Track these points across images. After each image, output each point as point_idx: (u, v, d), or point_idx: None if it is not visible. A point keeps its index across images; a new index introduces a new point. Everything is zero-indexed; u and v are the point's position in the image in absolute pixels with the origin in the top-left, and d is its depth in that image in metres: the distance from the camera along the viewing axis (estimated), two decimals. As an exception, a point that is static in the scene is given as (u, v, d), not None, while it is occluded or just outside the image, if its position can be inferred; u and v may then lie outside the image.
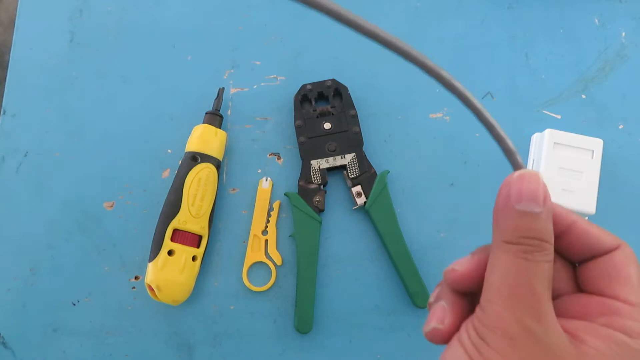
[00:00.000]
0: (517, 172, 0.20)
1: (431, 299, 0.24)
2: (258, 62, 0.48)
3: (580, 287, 0.22)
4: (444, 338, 0.22)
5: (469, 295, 0.22)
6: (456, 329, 0.21)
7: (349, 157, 0.44)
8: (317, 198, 0.43)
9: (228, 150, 0.45)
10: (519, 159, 0.22)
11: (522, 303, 0.19)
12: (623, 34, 0.48)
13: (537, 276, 0.19)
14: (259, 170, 0.45)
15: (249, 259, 0.43)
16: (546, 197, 0.19)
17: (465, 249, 0.46)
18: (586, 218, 0.22)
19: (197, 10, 0.50)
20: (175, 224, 0.41)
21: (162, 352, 0.42)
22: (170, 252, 0.40)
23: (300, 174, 0.44)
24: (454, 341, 0.21)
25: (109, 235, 0.44)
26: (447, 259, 0.43)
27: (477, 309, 0.20)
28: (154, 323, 0.43)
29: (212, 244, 0.44)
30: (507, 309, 0.19)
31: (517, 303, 0.19)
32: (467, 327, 0.20)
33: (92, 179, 0.45)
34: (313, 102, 0.45)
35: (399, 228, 0.42)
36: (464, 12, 0.49)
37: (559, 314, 0.20)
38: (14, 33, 0.50)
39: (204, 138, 0.43)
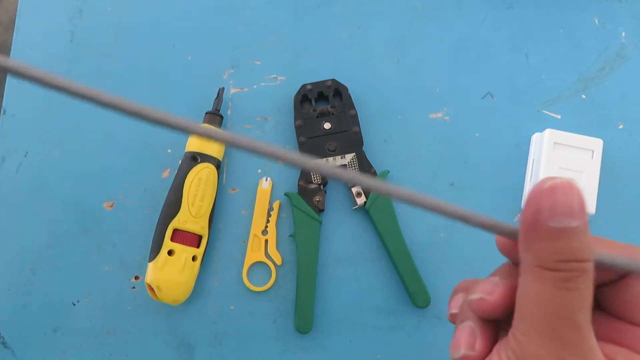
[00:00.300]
0: (549, 182, 0.17)
1: (453, 310, 0.22)
2: (258, 62, 0.48)
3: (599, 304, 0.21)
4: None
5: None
6: (486, 354, 0.19)
7: (349, 157, 0.44)
8: (317, 198, 0.43)
9: (228, 150, 0.45)
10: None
11: (564, 341, 0.16)
12: (623, 34, 0.48)
13: (580, 307, 0.17)
14: (259, 170, 0.45)
15: (249, 259, 0.43)
16: (582, 206, 0.16)
17: (465, 249, 0.46)
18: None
19: (197, 10, 0.50)
20: (175, 224, 0.41)
21: (162, 352, 0.42)
22: (170, 252, 0.40)
23: (300, 174, 0.44)
24: None
25: (109, 235, 0.44)
26: (447, 259, 0.44)
27: (512, 339, 0.18)
28: (154, 323, 0.43)
29: (212, 244, 0.44)
30: (547, 349, 0.17)
31: (559, 342, 0.16)
32: (501, 355, 0.18)
33: (92, 179, 0.45)
34: (313, 102, 0.45)
35: (399, 228, 0.43)
36: (464, 12, 0.49)
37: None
38: (14, 33, 0.50)
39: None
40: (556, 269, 0.16)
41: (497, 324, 0.20)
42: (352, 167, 0.44)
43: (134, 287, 0.43)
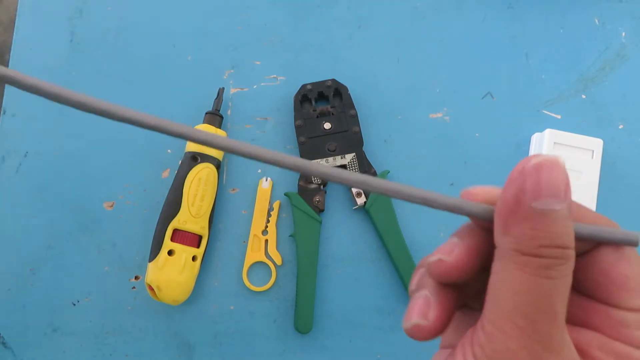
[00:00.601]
0: (534, 160, 0.15)
1: (412, 286, 0.20)
2: (258, 62, 0.48)
3: None
4: (428, 335, 0.18)
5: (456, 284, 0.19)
6: (442, 325, 0.18)
7: (349, 157, 0.44)
8: (317, 198, 0.43)
9: (228, 150, 0.45)
10: None
11: (540, 334, 0.15)
12: (623, 34, 0.48)
13: (560, 297, 0.15)
14: (259, 170, 0.45)
15: (249, 259, 0.43)
16: (568, 187, 0.15)
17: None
18: None
19: (197, 10, 0.50)
20: (175, 224, 0.41)
21: (162, 352, 0.42)
22: (170, 252, 0.40)
23: (301, 174, 0.44)
24: None
25: (109, 235, 0.44)
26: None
27: (481, 332, 0.16)
28: (154, 323, 0.43)
29: (212, 244, 0.44)
30: (523, 343, 0.15)
31: (536, 336, 0.15)
32: (466, 353, 0.17)
33: (92, 179, 0.45)
34: (313, 102, 0.45)
35: (399, 228, 0.43)
36: (464, 12, 0.49)
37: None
38: (14, 33, 0.50)
39: (204, 138, 0.43)
40: (538, 255, 0.15)
41: (455, 295, 0.19)
42: (352, 167, 0.44)
43: (134, 287, 0.43)
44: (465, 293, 0.20)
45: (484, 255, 0.18)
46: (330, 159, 0.44)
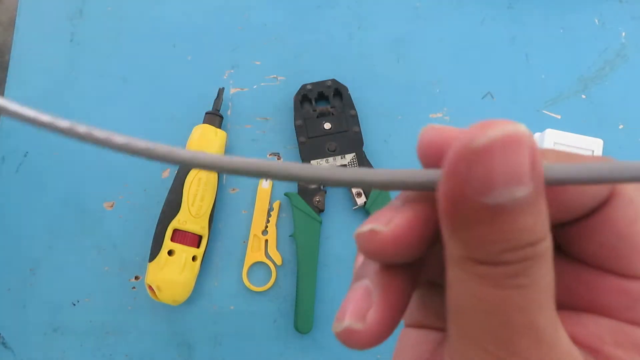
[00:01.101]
0: (481, 134, 0.10)
1: (354, 270, 0.15)
2: (258, 62, 0.48)
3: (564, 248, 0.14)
4: (365, 343, 0.13)
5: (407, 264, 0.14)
6: (385, 328, 0.13)
7: (349, 157, 0.44)
8: (317, 198, 0.43)
9: (228, 150, 0.45)
10: None
11: (528, 356, 0.11)
12: (623, 34, 0.48)
13: (540, 305, 0.11)
14: (259, 170, 0.45)
15: (249, 259, 0.43)
16: (536, 162, 0.10)
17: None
18: None
19: (197, 10, 0.50)
20: (175, 224, 0.41)
21: (162, 352, 0.42)
22: (170, 252, 0.40)
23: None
24: None
25: (109, 235, 0.44)
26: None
27: (449, 344, 0.12)
28: (154, 323, 0.43)
29: (212, 244, 0.44)
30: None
31: (512, 349, 0.11)
32: None
33: (92, 179, 0.45)
34: (313, 102, 0.45)
35: (399, 228, 0.42)
36: (464, 12, 0.49)
37: (560, 303, 0.12)
38: (14, 33, 0.50)
39: (204, 138, 0.43)
40: (500, 263, 0.11)
41: (407, 281, 0.14)
42: (352, 167, 0.44)
43: (134, 287, 0.43)
44: (426, 271, 0.15)
45: (432, 223, 0.13)
46: (330, 159, 0.44)
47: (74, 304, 0.43)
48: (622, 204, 0.12)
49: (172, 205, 0.41)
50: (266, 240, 0.44)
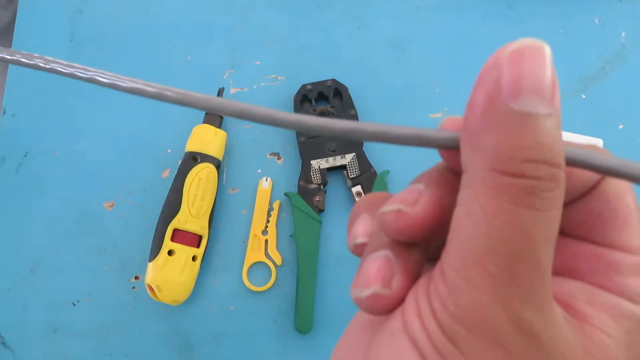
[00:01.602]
0: (512, 46, 0.12)
1: (359, 238, 0.16)
2: (258, 62, 0.48)
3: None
4: (389, 308, 0.14)
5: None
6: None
7: (349, 157, 0.44)
8: (317, 198, 0.43)
9: (228, 150, 0.45)
10: None
11: (520, 286, 0.11)
12: (623, 34, 0.48)
13: (545, 237, 0.12)
14: (259, 170, 0.45)
15: (249, 259, 0.43)
16: (556, 84, 0.12)
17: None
18: None
19: (197, 10, 0.50)
20: (175, 223, 0.41)
21: (162, 352, 0.42)
22: (170, 252, 0.40)
23: (300, 174, 0.44)
24: (397, 330, 0.13)
25: (109, 235, 0.44)
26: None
27: (440, 282, 0.12)
28: (154, 323, 0.43)
29: (212, 244, 0.44)
30: (494, 296, 0.11)
31: (513, 287, 0.11)
32: (421, 308, 0.13)
33: (92, 179, 0.45)
34: (313, 102, 0.45)
35: (399, 228, 0.42)
36: (464, 11, 0.49)
37: None
38: (14, 33, 0.50)
39: (204, 138, 0.43)
40: (519, 174, 0.11)
41: (420, 258, 0.15)
42: (352, 167, 0.44)
43: (134, 287, 0.43)
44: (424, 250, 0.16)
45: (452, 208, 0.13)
46: (330, 158, 0.44)
47: (74, 304, 0.43)
48: (612, 183, 0.14)
49: (172, 205, 0.41)
50: (266, 240, 0.44)
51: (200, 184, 0.42)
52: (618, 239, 0.14)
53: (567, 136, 0.43)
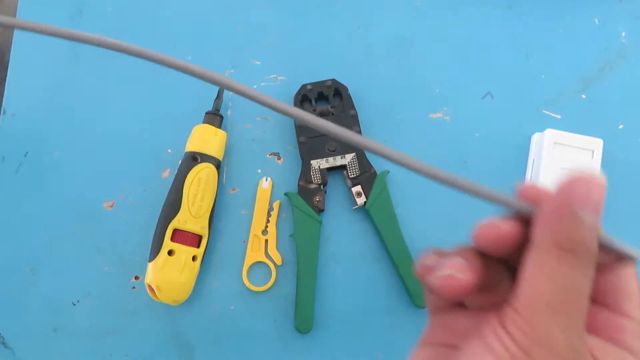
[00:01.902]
0: (588, 175, 0.18)
1: (428, 261, 0.21)
2: (258, 62, 0.48)
3: None
4: (462, 290, 0.19)
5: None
6: (475, 286, 0.19)
7: (349, 157, 0.44)
8: (317, 198, 0.43)
9: (228, 150, 0.45)
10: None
11: (573, 321, 0.17)
12: (623, 34, 0.48)
13: (586, 293, 0.18)
14: (259, 170, 0.45)
15: (249, 259, 0.43)
16: (602, 204, 0.18)
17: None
18: None
19: (197, 10, 0.50)
20: (175, 224, 0.41)
21: (162, 352, 0.42)
22: (170, 252, 0.40)
23: (300, 174, 0.44)
24: (477, 345, 0.18)
25: (109, 236, 0.44)
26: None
27: (514, 315, 0.18)
28: (154, 323, 0.43)
29: (212, 244, 0.44)
30: (559, 326, 0.17)
31: (569, 321, 0.17)
32: (498, 333, 0.18)
33: (92, 179, 0.45)
34: (313, 102, 0.45)
35: (399, 228, 0.42)
36: (464, 12, 0.49)
37: None
38: (14, 33, 0.50)
39: (204, 138, 0.43)
40: (573, 251, 0.17)
41: (484, 271, 0.20)
42: (352, 167, 0.44)
43: (134, 287, 0.43)
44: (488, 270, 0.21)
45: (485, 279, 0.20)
46: (330, 158, 0.44)
47: (74, 304, 0.43)
48: (627, 264, 0.20)
49: (172, 205, 0.41)
50: (266, 240, 0.44)
51: (200, 184, 0.42)
52: (625, 307, 0.20)
53: (568, 136, 0.43)
